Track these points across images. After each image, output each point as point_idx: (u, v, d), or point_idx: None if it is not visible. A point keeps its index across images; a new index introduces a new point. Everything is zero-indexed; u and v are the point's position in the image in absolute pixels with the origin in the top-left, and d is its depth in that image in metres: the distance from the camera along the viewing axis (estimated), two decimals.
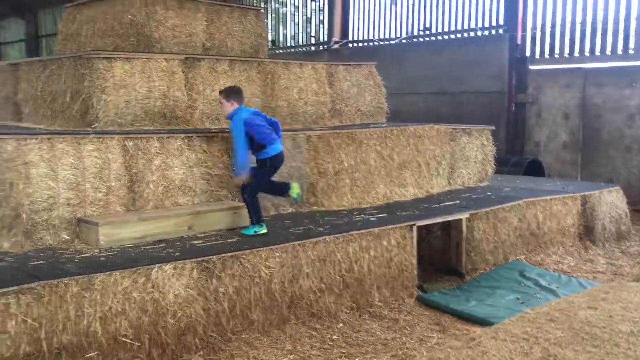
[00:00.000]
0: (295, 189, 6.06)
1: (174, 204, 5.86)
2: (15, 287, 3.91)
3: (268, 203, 6.68)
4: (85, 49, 8.59)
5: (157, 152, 5.80)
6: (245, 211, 5.92)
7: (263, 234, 5.61)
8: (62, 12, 9.50)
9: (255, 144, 5.82)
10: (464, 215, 7.00)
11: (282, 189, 6.13)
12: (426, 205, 7.32)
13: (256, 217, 5.73)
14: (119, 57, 6.69)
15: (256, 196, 5.83)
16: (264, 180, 5.92)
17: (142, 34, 8.11)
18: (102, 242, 5.00)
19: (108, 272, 4.30)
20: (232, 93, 6.02)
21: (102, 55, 6.61)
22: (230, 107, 5.93)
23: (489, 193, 8.25)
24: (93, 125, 6.53)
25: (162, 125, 6.98)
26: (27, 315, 3.90)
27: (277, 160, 5.95)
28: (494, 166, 9.26)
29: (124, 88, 6.66)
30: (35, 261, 4.57)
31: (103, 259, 4.70)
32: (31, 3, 28.84)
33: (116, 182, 5.48)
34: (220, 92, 6.14)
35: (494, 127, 9.38)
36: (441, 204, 7.41)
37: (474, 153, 8.85)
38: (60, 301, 4.05)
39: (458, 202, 7.58)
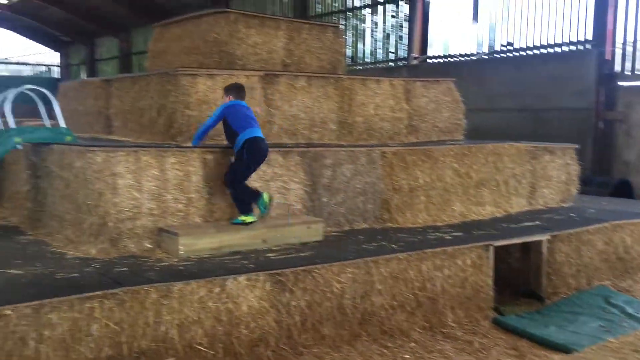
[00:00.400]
0: (264, 199, 5.79)
1: None
2: (99, 292, 4.11)
3: (342, 219, 6.71)
4: (172, 66, 8.97)
5: None
6: (319, 225, 5.99)
7: (250, 222, 5.68)
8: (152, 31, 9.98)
9: (232, 132, 5.83)
10: (544, 237, 6.74)
11: (254, 196, 5.84)
12: (504, 225, 7.11)
13: (241, 208, 5.75)
14: (202, 74, 6.95)
15: (238, 187, 5.75)
16: (240, 171, 5.76)
17: (224, 52, 8.39)
18: (181, 252, 5.18)
19: (186, 282, 4.44)
20: (231, 88, 6.21)
21: (186, 72, 6.90)
22: (226, 100, 6.12)
23: (572, 214, 7.92)
24: (177, 139, 6.80)
25: None
26: (110, 320, 4.09)
27: (253, 149, 5.73)
28: (578, 186, 8.88)
29: (206, 103, 6.90)
30: (119, 268, 4.79)
31: (181, 268, 4.87)
32: (125, 22, 30.51)
33: (196, 193, 5.67)
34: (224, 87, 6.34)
35: (578, 146, 9.00)
36: (520, 224, 7.18)
37: (556, 172, 8.53)
38: (141, 307, 4.21)
39: (539, 222, 7.32)
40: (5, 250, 5.30)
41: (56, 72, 38.46)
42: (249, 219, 5.74)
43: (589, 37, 12.77)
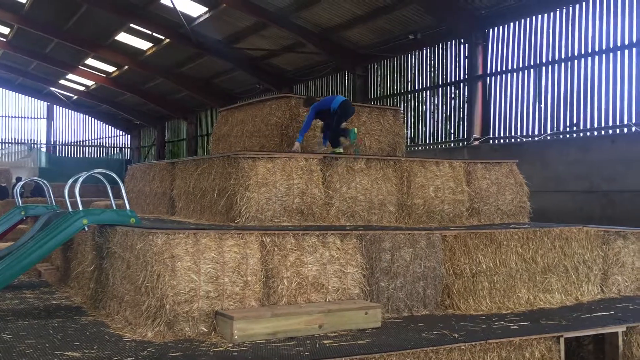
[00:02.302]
0: (354, 131, 8.61)
1: (307, 300, 5.89)
2: None
3: (401, 304, 6.50)
4: (235, 149, 9.26)
5: (292, 249, 5.93)
6: (376, 310, 5.83)
7: (339, 153, 8.24)
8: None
9: (327, 112, 8.54)
10: (620, 329, 6.28)
11: (345, 132, 8.66)
12: (575, 315, 6.69)
13: (333, 143, 8.60)
14: (262, 157, 7.09)
15: (334, 131, 8.55)
16: (337, 122, 8.52)
17: (285, 135, 8.61)
18: (236, 337, 5.10)
19: None
20: (307, 102, 8.71)
21: (247, 155, 7.06)
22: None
23: None
24: (236, 221, 6.88)
25: (300, 221, 7.19)
26: None
27: (345, 106, 8.58)
28: None
29: (266, 185, 7.01)
30: (174, 352, 4.75)
31: (235, 354, 4.78)
32: (193, 106, 32.05)
33: (252, 276, 5.64)
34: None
35: None
36: (593, 314, 6.74)
37: (630, 258, 8.06)
38: None
39: (612, 312, 6.85)
40: (65, 331, 5.37)
41: (127, 154, 40.39)
42: (338, 150, 8.36)
43: None
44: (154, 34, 23.58)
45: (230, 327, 5.15)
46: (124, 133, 40.99)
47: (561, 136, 14.51)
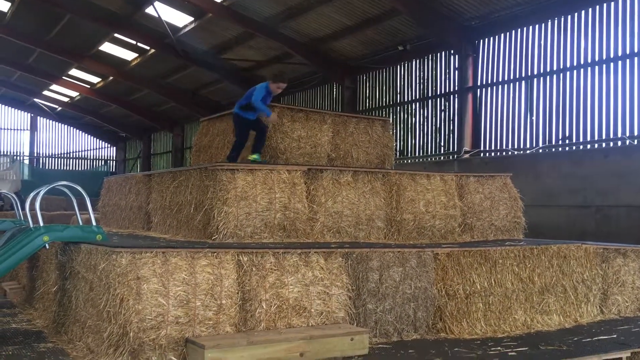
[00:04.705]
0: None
1: (287, 325, 5.42)
2: None
3: (390, 328, 6.05)
4: (216, 160, 8.78)
5: (271, 268, 5.47)
6: (363, 336, 5.37)
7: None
8: None
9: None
10: (624, 354, 5.85)
11: None
12: (575, 339, 6.27)
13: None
14: (242, 169, 6.64)
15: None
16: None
17: (268, 146, 8.15)
18: None
19: None
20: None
21: (225, 167, 6.60)
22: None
23: None
24: (213, 237, 6.41)
25: (282, 237, 6.74)
26: None
27: None
28: None
29: (245, 199, 6.55)
30: None
31: None
32: (180, 118, 31.54)
33: (227, 299, 5.16)
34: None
35: None
36: (594, 338, 6.32)
37: (630, 277, 7.67)
38: None
39: (615, 336, 6.43)
40: None
41: (113, 167, 39.73)
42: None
43: None
44: (139, 44, 23.12)
45: (201, 356, 4.67)
46: (109, 145, 40.34)
47: (553, 149, 14.17)
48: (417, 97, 18.33)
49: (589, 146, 13.45)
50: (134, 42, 23.07)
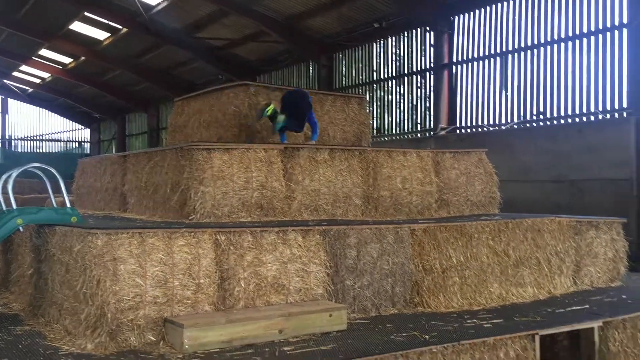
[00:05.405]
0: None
1: (266, 303, 5.44)
2: None
3: (368, 304, 6.11)
4: (192, 140, 8.71)
5: (249, 247, 5.46)
6: (342, 312, 5.42)
7: None
8: None
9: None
10: (596, 324, 6.02)
11: None
12: (549, 310, 6.41)
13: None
14: (218, 148, 6.60)
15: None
16: None
17: (244, 125, 8.11)
18: (186, 346, 4.62)
19: None
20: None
21: (201, 147, 6.55)
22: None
23: (623, 296, 7.17)
24: (190, 217, 6.38)
25: (259, 216, 6.74)
26: None
27: None
28: (627, 264, 8.13)
29: (222, 179, 6.52)
30: None
31: None
32: (154, 98, 31.12)
33: (205, 279, 5.16)
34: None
35: (625, 220, 8.32)
36: (567, 309, 6.47)
37: (602, 249, 7.83)
38: None
39: (587, 306, 6.59)
40: None
41: (87, 148, 39.17)
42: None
43: (625, 104, 12.28)
44: (111, 23, 22.67)
45: (180, 335, 4.67)
46: (83, 127, 39.72)
47: (528, 125, 14.31)
48: (394, 75, 18.33)
49: (562, 121, 13.62)
50: (105, 21, 22.62)
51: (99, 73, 29.37)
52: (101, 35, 24.45)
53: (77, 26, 23.88)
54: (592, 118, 12.92)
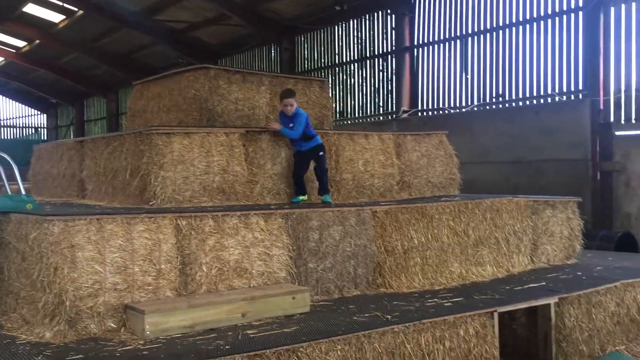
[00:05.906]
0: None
1: (229, 287, 5.43)
2: None
3: (331, 286, 6.15)
4: (152, 124, 8.56)
5: (211, 232, 5.43)
6: (305, 294, 5.45)
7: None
8: None
9: (309, 135, 7.15)
10: (552, 300, 6.19)
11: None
12: (507, 287, 6.56)
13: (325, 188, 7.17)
14: (178, 132, 6.51)
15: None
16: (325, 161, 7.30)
17: (204, 109, 7.99)
18: (147, 332, 4.58)
19: None
20: (294, 93, 7.32)
21: (161, 131, 6.45)
22: (295, 105, 7.17)
23: (578, 273, 7.39)
24: (150, 203, 6.30)
25: (221, 201, 6.69)
26: None
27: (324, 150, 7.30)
28: (582, 242, 8.38)
29: (182, 163, 6.44)
30: (74, 354, 4.18)
31: (146, 352, 4.27)
32: (113, 83, 30.48)
33: (167, 264, 5.11)
34: (291, 94, 7.23)
35: (580, 199, 8.55)
36: (524, 286, 6.63)
37: (559, 227, 8.04)
38: None
39: (544, 283, 6.77)
40: None
41: (44, 135, 38.19)
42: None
43: (581, 87, 12.56)
44: (66, 5, 22.04)
45: (141, 321, 4.63)
46: (39, 112, 38.67)
47: (487, 107, 14.54)
48: (356, 58, 18.35)
49: (521, 103, 13.87)
50: (60, 3, 21.98)
51: (55, 57, 28.60)
52: (56, 17, 23.79)
53: (31, 8, 23.18)
54: (549, 100, 13.19)
